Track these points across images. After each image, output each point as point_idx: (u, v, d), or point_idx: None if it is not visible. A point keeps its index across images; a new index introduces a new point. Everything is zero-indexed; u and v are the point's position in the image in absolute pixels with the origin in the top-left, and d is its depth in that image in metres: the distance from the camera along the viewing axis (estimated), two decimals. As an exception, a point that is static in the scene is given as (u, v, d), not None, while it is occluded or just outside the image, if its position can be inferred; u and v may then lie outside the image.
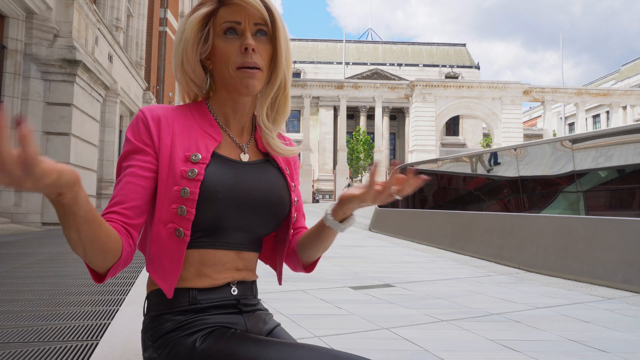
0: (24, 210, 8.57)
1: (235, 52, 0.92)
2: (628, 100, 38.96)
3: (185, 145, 0.91)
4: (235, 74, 0.92)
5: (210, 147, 0.93)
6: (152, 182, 0.90)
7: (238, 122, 1.00)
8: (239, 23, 0.93)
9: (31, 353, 1.75)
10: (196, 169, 0.88)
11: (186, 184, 0.87)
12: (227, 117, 0.99)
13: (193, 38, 0.94)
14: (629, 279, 4.13)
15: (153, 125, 0.91)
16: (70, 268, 4.07)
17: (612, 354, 2.23)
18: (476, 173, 7.84)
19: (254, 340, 0.86)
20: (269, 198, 0.95)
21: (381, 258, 6.15)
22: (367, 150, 41.83)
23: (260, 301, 1.03)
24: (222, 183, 0.90)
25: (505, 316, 2.98)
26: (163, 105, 0.96)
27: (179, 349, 0.86)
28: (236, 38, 0.93)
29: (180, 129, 0.93)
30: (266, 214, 0.95)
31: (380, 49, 58.12)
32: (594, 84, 53.98)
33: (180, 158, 0.89)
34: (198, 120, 0.96)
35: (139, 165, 0.89)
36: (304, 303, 3.24)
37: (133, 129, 0.92)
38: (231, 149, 0.97)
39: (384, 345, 2.31)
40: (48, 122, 8.84)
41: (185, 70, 0.96)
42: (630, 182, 5.07)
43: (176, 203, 0.87)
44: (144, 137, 0.90)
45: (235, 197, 0.91)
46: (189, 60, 0.95)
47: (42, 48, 8.81)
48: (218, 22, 0.94)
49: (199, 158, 0.90)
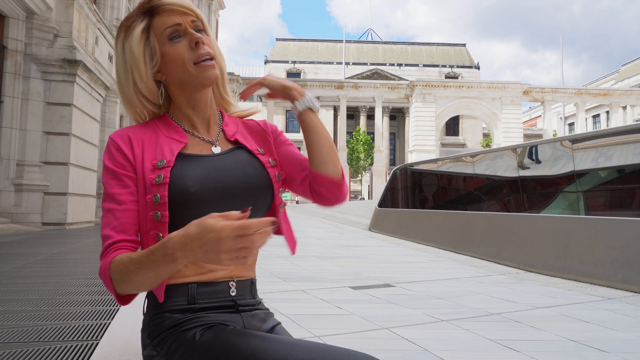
0: (24, 210, 8.56)
1: (186, 51, 0.95)
2: (628, 100, 38.98)
3: (152, 155, 0.94)
4: (195, 71, 0.95)
5: (175, 149, 0.95)
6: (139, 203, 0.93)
7: (202, 118, 1.02)
8: (179, 25, 0.95)
9: (31, 353, 1.76)
10: (162, 173, 0.91)
11: (156, 190, 0.90)
12: (190, 119, 1.01)
13: (142, 56, 0.96)
14: (629, 279, 4.13)
15: (124, 146, 0.94)
16: (70, 268, 4.07)
17: (612, 354, 2.23)
18: (476, 173, 7.84)
19: (254, 335, 0.86)
20: (244, 181, 0.96)
21: (381, 258, 6.15)
22: (367, 150, 41.85)
23: (262, 301, 1.03)
24: (192, 178, 0.91)
25: (505, 316, 2.98)
26: (130, 126, 1.00)
27: (179, 343, 0.87)
28: (182, 39, 0.96)
29: (148, 142, 0.96)
30: (247, 197, 0.95)
31: (380, 49, 58.12)
32: (594, 84, 53.99)
33: (148, 168, 0.92)
34: (163, 130, 0.99)
35: (127, 192, 0.91)
36: (304, 303, 3.24)
37: (108, 155, 0.94)
38: (200, 146, 0.99)
39: (384, 345, 2.31)
40: (48, 122, 8.84)
41: (140, 90, 0.98)
42: (630, 182, 5.07)
43: (152, 210, 0.90)
44: (120, 159, 0.93)
45: (210, 189, 0.92)
46: (142, 79, 0.97)
47: (42, 48, 8.81)
48: (158, 32, 0.96)
49: (163, 163, 0.92)
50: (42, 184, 8.71)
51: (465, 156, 8.64)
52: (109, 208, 0.90)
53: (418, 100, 37.07)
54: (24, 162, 8.61)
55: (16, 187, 8.50)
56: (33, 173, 8.68)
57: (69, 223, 8.97)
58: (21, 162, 8.59)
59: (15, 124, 8.52)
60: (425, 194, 10.07)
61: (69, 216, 8.97)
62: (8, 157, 8.44)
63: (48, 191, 8.79)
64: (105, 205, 0.91)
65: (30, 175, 8.64)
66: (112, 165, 0.93)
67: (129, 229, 0.89)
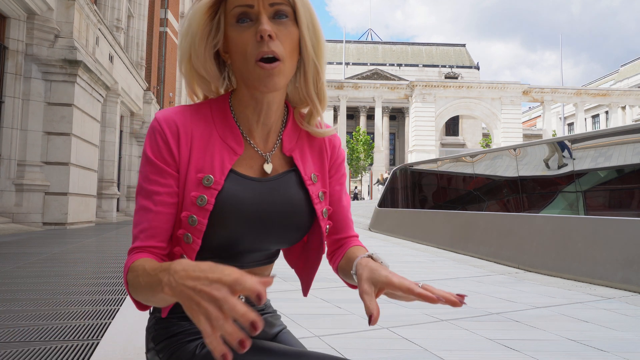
0: (25, 210, 8.57)
1: (251, 42, 0.78)
2: (627, 101, 39.01)
3: (199, 162, 0.82)
4: (254, 70, 0.78)
5: (228, 163, 0.83)
6: (178, 206, 0.83)
7: (262, 124, 0.87)
8: (251, 6, 0.78)
9: (32, 352, 1.76)
10: (206, 195, 0.80)
11: (195, 212, 0.80)
12: (249, 122, 0.86)
13: (201, 31, 0.81)
14: (628, 278, 4.14)
15: (172, 141, 0.81)
16: (71, 268, 4.07)
17: (611, 353, 2.24)
18: (476, 173, 7.85)
19: (256, 349, 0.82)
20: (287, 218, 0.86)
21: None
22: (367, 150, 41.83)
23: (269, 301, 1.01)
24: (235, 211, 0.82)
25: (505, 316, 2.98)
26: (180, 108, 0.85)
27: (180, 355, 0.85)
28: (251, 24, 0.79)
29: (199, 140, 0.83)
30: (284, 232, 0.88)
31: (380, 49, 58.16)
32: (593, 84, 54.02)
33: (192, 180, 0.81)
34: (218, 125, 0.85)
35: (166, 192, 0.80)
36: (304, 303, 3.24)
37: (152, 144, 0.81)
38: (252, 161, 0.86)
39: (384, 345, 2.31)
40: (49, 122, 8.86)
41: (195, 67, 0.84)
42: (629, 182, 5.07)
43: (183, 229, 0.81)
44: (165, 155, 0.81)
45: (249, 220, 0.83)
46: (198, 55, 0.82)
47: (43, 48, 8.82)
48: (229, 9, 0.80)
49: (211, 182, 0.80)
50: (43, 184, 8.72)
51: (465, 156, 8.65)
52: (143, 206, 0.80)
53: (418, 100, 37.08)
54: (25, 162, 8.62)
55: (17, 187, 8.51)
56: (34, 173, 8.69)
57: (69, 223, 8.98)
58: (22, 162, 8.60)
59: (16, 124, 8.53)
60: (425, 194, 10.07)
61: (69, 216, 8.97)
62: (9, 157, 8.45)
63: (49, 191, 8.80)
64: (140, 200, 0.81)
65: (31, 175, 8.65)
66: (155, 157, 0.80)
67: (160, 234, 0.80)
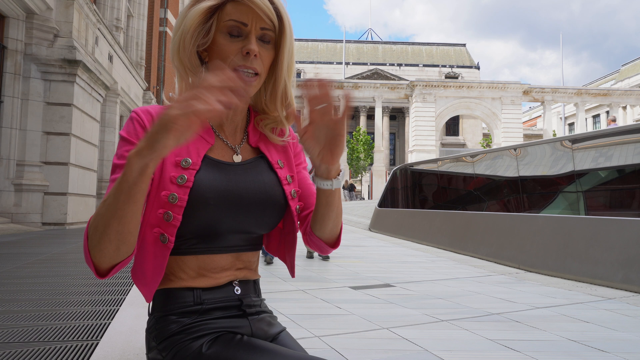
0: (24, 210, 8.57)
1: (235, 52, 0.89)
2: (628, 100, 39.00)
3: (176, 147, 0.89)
4: None
5: (202, 150, 0.90)
6: (151, 187, 0.87)
7: (231, 121, 0.97)
8: (245, 25, 0.88)
9: (31, 353, 1.76)
10: (186, 175, 0.86)
11: (175, 190, 0.85)
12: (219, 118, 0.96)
13: (193, 30, 0.90)
14: (629, 278, 4.13)
15: (149, 125, 0.87)
16: (70, 268, 4.07)
17: (612, 354, 2.24)
18: (476, 173, 7.84)
19: (261, 350, 0.85)
20: (261, 198, 0.93)
21: (381, 258, 6.15)
22: (367, 150, 41.82)
23: (264, 301, 1.03)
24: (213, 188, 0.88)
25: (505, 316, 2.98)
26: (155, 106, 0.93)
27: (185, 353, 0.85)
28: (239, 40, 0.89)
29: None
30: (261, 214, 0.93)
31: (380, 49, 58.15)
32: (594, 84, 54.01)
33: (170, 162, 0.87)
34: None
35: None
36: (304, 303, 3.24)
37: (128, 128, 0.88)
38: (224, 151, 0.95)
39: (384, 345, 2.31)
40: (48, 122, 8.84)
41: (181, 58, 0.92)
42: (630, 182, 5.07)
43: (163, 208, 0.85)
44: (140, 135, 0.86)
45: (227, 201, 0.89)
46: (184, 49, 0.91)
47: (42, 48, 8.81)
48: (223, 18, 0.89)
49: (189, 163, 0.87)
50: (42, 184, 8.72)
51: (465, 156, 8.64)
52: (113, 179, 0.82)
53: (418, 100, 37.07)
54: (24, 162, 8.61)
55: (16, 187, 8.50)
56: (33, 173, 8.69)
57: (69, 223, 8.98)
58: (21, 162, 8.60)
59: (15, 124, 8.52)
60: (425, 194, 10.07)
61: (69, 216, 8.97)
62: (8, 157, 8.44)
63: (48, 191, 8.79)
64: (111, 177, 0.84)
65: (30, 175, 8.64)
66: (129, 136, 0.86)
67: None
